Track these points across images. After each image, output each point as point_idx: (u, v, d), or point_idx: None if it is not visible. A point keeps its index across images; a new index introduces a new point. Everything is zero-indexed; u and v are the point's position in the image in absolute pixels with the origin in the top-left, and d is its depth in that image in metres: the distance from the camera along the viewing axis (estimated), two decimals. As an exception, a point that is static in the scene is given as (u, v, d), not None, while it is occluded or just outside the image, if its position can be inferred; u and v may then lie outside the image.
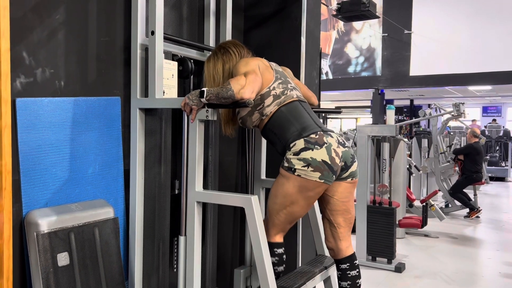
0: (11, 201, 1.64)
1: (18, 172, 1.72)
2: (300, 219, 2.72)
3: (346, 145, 1.98)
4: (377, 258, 4.28)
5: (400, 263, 4.21)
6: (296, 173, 1.87)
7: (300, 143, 1.89)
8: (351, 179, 2.01)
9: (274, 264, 1.99)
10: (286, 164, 1.90)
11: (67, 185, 1.90)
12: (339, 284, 2.08)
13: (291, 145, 1.91)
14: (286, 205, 1.94)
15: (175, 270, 2.37)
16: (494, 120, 16.14)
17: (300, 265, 2.68)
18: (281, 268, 2.07)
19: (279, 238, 2.05)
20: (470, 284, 3.88)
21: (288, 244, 2.74)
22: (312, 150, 1.87)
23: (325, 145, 1.89)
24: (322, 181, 1.88)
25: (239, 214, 2.88)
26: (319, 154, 1.87)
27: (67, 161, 1.90)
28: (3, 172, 1.61)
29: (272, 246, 2.01)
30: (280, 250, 2.05)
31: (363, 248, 4.27)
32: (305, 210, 1.99)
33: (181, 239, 2.02)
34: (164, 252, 2.29)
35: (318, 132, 1.93)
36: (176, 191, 2.39)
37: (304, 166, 1.86)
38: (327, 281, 2.32)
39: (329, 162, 1.87)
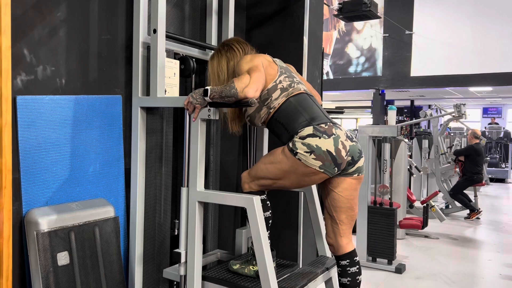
0: (11, 199, 1.63)
1: (18, 171, 1.71)
2: (301, 219, 2.71)
3: (354, 139, 1.96)
4: (377, 259, 4.27)
5: (400, 264, 4.20)
6: (297, 156, 1.86)
7: (308, 129, 1.88)
8: (357, 175, 2.00)
9: None
10: (290, 145, 1.89)
11: (67, 184, 1.89)
12: (339, 280, 2.06)
13: (299, 130, 1.90)
14: (277, 177, 1.94)
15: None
16: (493, 118, 16.08)
17: (301, 266, 2.67)
18: (267, 214, 2.06)
19: (256, 188, 2.02)
20: (470, 285, 3.87)
21: (289, 245, 2.73)
22: (319, 138, 1.85)
23: (333, 136, 1.88)
24: (322, 170, 1.86)
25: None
26: (325, 144, 1.85)
27: (68, 160, 1.89)
28: (3, 170, 1.59)
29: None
30: (263, 196, 2.03)
31: (364, 248, 4.26)
32: (294, 187, 1.99)
33: (183, 190, 2.00)
34: (164, 251, 2.27)
35: (328, 123, 1.92)
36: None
37: (306, 152, 1.84)
38: (328, 282, 2.30)
39: (334, 154, 1.86)
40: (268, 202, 2.08)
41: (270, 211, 2.08)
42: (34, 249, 1.69)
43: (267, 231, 1.97)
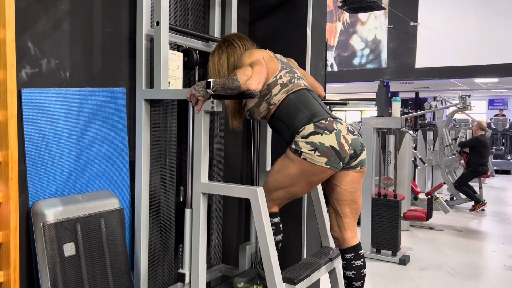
0: (18, 191, 1.65)
1: (24, 163, 1.72)
2: (305, 211, 2.72)
3: (355, 133, 1.98)
4: (381, 251, 4.29)
5: (404, 256, 4.21)
6: (302, 156, 1.87)
7: (309, 127, 1.89)
8: (360, 168, 2.01)
9: None
10: (293, 146, 1.90)
11: (73, 176, 1.91)
12: (344, 273, 2.08)
13: (300, 129, 1.91)
14: (287, 185, 1.95)
15: (179, 269, 2.38)
16: (501, 110, 15.95)
17: (305, 256, 2.69)
18: (279, 237, 2.08)
19: (274, 209, 2.05)
20: (474, 276, 3.88)
21: (293, 236, 2.75)
22: (321, 135, 1.86)
23: (335, 131, 1.89)
24: (328, 166, 1.87)
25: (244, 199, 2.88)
26: (328, 139, 1.86)
27: (73, 152, 1.90)
28: (9, 162, 1.61)
29: None
30: (276, 220, 2.07)
31: (368, 240, 4.28)
32: (305, 191, 2.02)
33: (187, 211, 2.04)
34: (169, 242, 2.30)
35: (328, 119, 1.93)
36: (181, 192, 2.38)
37: (311, 150, 1.85)
38: (332, 272, 2.32)
39: (337, 148, 1.87)
40: (281, 226, 2.10)
41: (282, 235, 2.10)
42: (41, 240, 1.71)
43: (277, 253, 1.95)
